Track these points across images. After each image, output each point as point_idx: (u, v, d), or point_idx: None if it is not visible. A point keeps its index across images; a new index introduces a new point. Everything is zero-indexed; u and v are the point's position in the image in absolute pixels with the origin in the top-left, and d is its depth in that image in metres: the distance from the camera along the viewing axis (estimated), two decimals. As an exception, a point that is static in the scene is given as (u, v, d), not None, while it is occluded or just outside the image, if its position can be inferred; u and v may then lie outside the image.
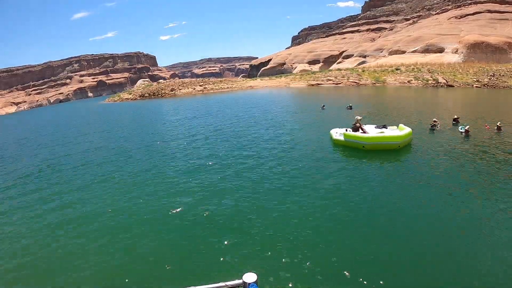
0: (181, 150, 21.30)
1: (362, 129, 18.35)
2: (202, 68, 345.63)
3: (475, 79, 59.27)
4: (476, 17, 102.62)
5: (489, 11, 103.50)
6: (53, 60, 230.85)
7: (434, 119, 22.33)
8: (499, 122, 20.75)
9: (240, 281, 3.41)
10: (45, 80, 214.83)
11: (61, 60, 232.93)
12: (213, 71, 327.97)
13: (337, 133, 19.63)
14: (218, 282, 3.30)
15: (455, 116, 23.11)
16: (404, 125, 19.26)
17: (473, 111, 32.00)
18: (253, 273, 3.42)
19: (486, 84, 56.60)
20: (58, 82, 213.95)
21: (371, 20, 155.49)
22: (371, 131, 18.64)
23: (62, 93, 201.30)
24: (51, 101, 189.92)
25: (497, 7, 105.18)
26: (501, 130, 20.28)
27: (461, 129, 20.50)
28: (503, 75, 59.02)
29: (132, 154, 21.30)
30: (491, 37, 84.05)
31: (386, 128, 19.21)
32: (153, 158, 19.81)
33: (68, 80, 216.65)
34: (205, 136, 25.14)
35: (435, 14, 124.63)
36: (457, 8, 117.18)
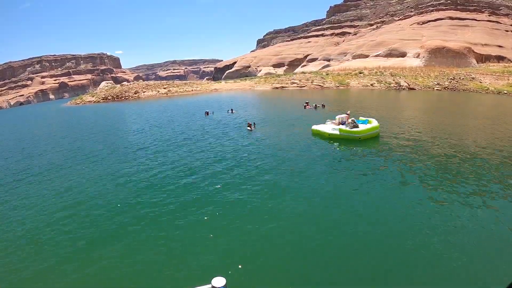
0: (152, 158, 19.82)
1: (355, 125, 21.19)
2: (167, 70, 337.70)
3: (436, 83, 59.96)
4: (437, 23, 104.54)
5: (450, 18, 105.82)
6: (14, 60, 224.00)
7: None
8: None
9: (209, 285, 3.44)
10: (6, 81, 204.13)
11: (22, 60, 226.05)
12: (178, 73, 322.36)
13: (332, 129, 21.82)
14: (186, 287, 3.50)
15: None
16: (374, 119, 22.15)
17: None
18: (222, 277, 3.48)
19: (446, 87, 57.82)
20: (19, 83, 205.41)
21: (335, 25, 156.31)
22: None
23: (23, 95, 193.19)
24: (11, 104, 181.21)
25: (458, 14, 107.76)
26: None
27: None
28: (463, 78, 59.74)
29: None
30: (452, 42, 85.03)
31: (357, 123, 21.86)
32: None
33: (29, 82, 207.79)
34: (177, 143, 23.38)
35: (398, 20, 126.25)
36: (419, 14, 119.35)
